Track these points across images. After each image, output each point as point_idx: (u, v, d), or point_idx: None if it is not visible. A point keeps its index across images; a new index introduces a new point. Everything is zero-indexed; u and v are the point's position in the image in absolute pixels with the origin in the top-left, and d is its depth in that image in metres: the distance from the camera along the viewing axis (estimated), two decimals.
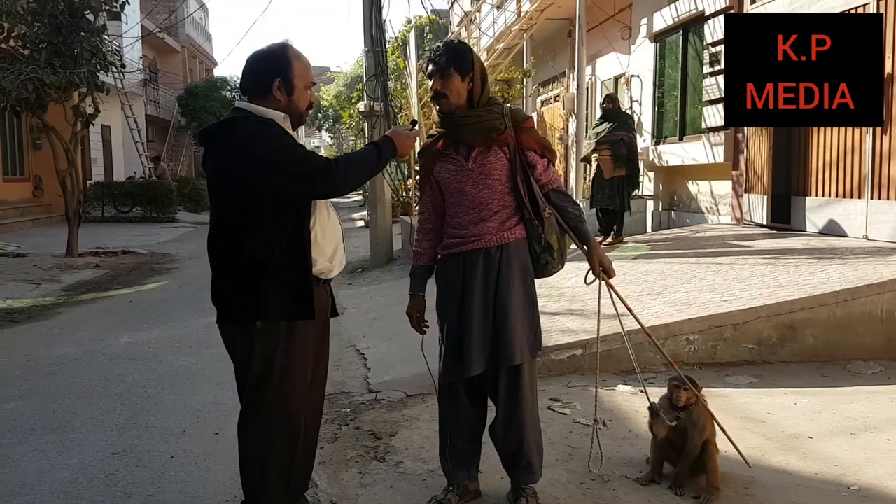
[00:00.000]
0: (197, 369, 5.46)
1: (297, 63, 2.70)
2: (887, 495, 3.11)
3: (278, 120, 2.67)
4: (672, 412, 3.19)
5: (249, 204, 2.59)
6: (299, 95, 2.71)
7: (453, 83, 2.91)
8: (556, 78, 16.21)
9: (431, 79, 2.96)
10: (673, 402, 3.21)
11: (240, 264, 2.63)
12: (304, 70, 2.72)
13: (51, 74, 11.06)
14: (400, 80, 14.50)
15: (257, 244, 2.60)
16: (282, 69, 2.68)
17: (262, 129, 2.60)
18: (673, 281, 6.25)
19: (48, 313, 7.93)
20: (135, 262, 12.35)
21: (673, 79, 11.13)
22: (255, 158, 2.54)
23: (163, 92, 31.34)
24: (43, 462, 3.76)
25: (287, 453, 2.70)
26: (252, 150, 2.55)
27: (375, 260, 10.66)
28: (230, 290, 2.67)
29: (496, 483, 3.24)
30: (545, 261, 3.01)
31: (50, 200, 18.18)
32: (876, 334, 5.12)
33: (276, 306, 2.60)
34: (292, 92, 2.69)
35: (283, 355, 2.64)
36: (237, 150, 2.58)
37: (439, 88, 2.93)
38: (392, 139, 2.79)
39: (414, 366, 5.05)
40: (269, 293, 2.60)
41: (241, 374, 2.72)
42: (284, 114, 2.69)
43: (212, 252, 2.71)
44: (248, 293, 2.61)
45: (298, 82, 2.70)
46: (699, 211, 10.70)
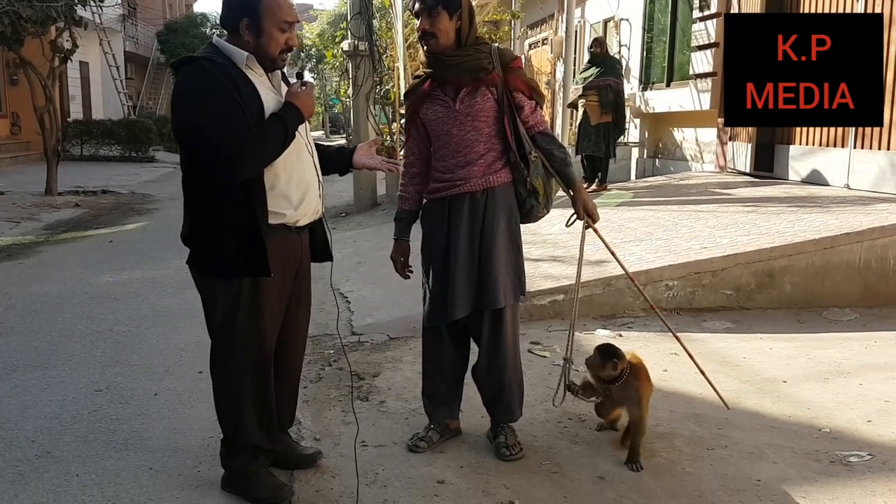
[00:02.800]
0: (179, 309, 5.46)
1: (270, 1, 2.50)
2: (857, 437, 3.20)
3: (238, 61, 2.52)
4: (600, 385, 3.04)
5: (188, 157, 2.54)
6: (269, 38, 2.52)
7: (441, 22, 2.85)
8: (544, 20, 15.95)
9: (418, 17, 2.90)
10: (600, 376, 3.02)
11: (195, 213, 2.59)
12: (276, 9, 2.50)
13: (27, 8, 10.77)
14: (385, 19, 14.21)
15: (207, 195, 2.54)
16: (250, 8, 2.49)
17: (203, 81, 2.45)
18: (655, 228, 6.29)
19: (28, 252, 7.87)
20: (115, 201, 12.24)
21: (662, 23, 10.99)
22: (184, 118, 2.48)
23: (142, 28, 30.56)
24: (26, 398, 3.77)
25: (257, 398, 2.70)
26: (185, 107, 2.48)
27: (359, 204, 10.62)
28: (189, 238, 2.64)
29: (476, 422, 3.31)
30: (530, 205, 3.01)
31: (28, 138, 17.86)
32: (853, 282, 5.19)
33: (230, 262, 2.55)
34: (261, 34, 2.51)
35: (248, 305, 2.60)
36: (177, 101, 2.51)
37: (427, 27, 2.87)
38: (292, 103, 2.57)
39: (397, 309, 5.10)
40: (222, 248, 2.55)
41: (209, 318, 2.71)
42: (249, 53, 2.54)
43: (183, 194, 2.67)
44: (204, 245, 2.59)
45: (268, 24, 2.50)
46: (683, 159, 10.70)
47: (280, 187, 2.60)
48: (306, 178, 2.70)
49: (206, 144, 2.44)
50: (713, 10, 9.13)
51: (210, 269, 2.62)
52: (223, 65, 2.49)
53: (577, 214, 3.08)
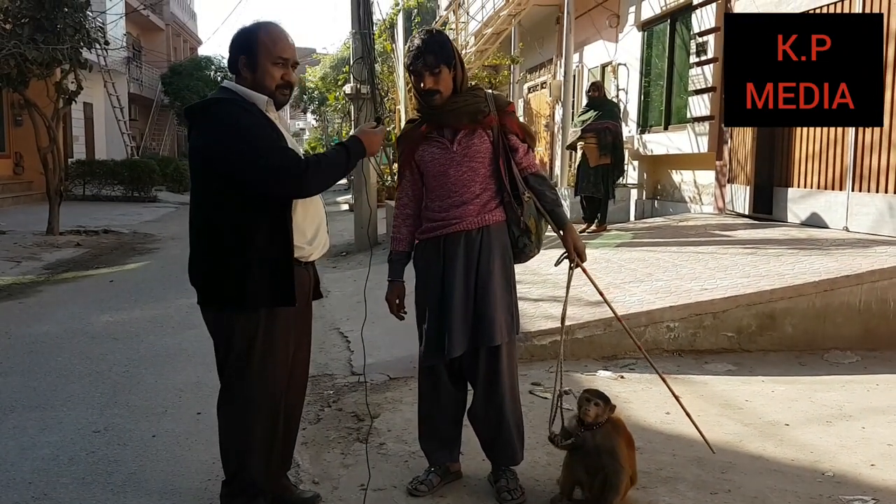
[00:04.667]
0: (179, 349, 5.45)
1: (265, 38, 2.61)
2: (861, 482, 3.17)
3: (261, 104, 2.63)
4: (577, 428, 2.87)
5: (229, 187, 2.56)
6: (264, 72, 2.61)
7: (444, 78, 2.93)
8: (543, 65, 16.19)
9: (419, 76, 2.95)
10: (581, 416, 2.88)
11: (220, 247, 2.61)
12: (270, 45, 2.61)
13: (33, 50, 10.92)
14: (387, 64, 14.43)
15: (238, 228, 2.58)
16: (246, 45, 2.63)
17: (242, 116, 2.56)
18: (655, 269, 6.30)
19: (29, 291, 7.86)
20: (116, 241, 12.26)
21: (659, 68, 11.15)
22: (233, 147, 2.51)
23: (146, 70, 31.00)
24: (24, 439, 3.74)
25: (267, 435, 2.70)
26: (232, 137, 2.52)
27: (360, 244, 10.65)
28: (210, 273, 2.65)
29: (478, 465, 3.28)
30: (523, 244, 3.05)
31: (31, 178, 17.96)
32: (853, 324, 5.19)
33: (256, 292, 2.59)
34: (255, 69, 2.62)
35: (264, 339, 2.63)
36: (219, 133, 2.55)
37: (433, 86, 2.93)
38: (360, 139, 2.71)
39: (397, 349, 5.08)
40: (249, 279, 2.58)
41: (222, 356, 2.71)
42: (268, 98, 2.64)
43: (192, 233, 2.69)
44: (229, 278, 2.60)
45: (263, 59, 2.61)
46: (682, 200, 10.76)
47: (297, 222, 2.66)
48: (319, 213, 2.79)
49: (268, 168, 2.52)
50: (710, 56, 9.27)
51: (233, 303, 2.62)
52: (252, 105, 2.60)
53: (567, 255, 3.10)
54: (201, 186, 2.65)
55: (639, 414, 3.98)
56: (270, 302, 2.61)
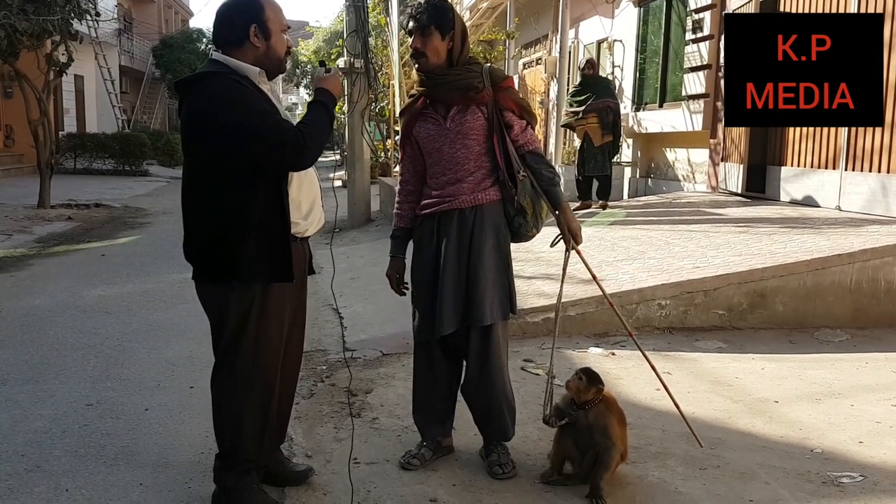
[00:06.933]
0: (171, 324, 5.44)
1: (270, 6, 2.63)
2: (849, 458, 3.21)
3: (253, 76, 2.60)
4: (570, 407, 2.90)
5: (224, 161, 2.54)
6: (276, 40, 2.64)
7: (433, 42, 2.89)
8: (538, 40, 16.07)
9: (411, 36, 2.93)
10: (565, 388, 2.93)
11: (215, 222, 2.59)
12: (277, 13, 2.65)
13: (23, 21, 10.78)
14: (381, 38, 14.31)
15: (234, 202, 2.56)
16: (256, 14, 2.61)
17: (235, 88, 2.53)
18: (647, 247, 6.32)
19: (20, 265, 7.83)
20: (107, 215, 12.21)
21: (655, 45, 11.09)
22: (228, 120, 2.49)
23: (137, 42, 30.68)
24: (16, 412, 3.75)
25: (261, 410, 2.71)
26: (227, 110, 2.50)
27: (353, 220, 10.63)
28: (205, 248, 2.64)
29: (469, 440, 3.30)
30: (518, 223, 3.01)
31: (21, 151, 17.83)
32: (844, 303, 5.22)
33: (253, 268, 2.58)
34: (269, 36, 2.62)
35: (259, 313, 2.63)
36: (213, 106, 2.53)
37: (419, 47, 2.91)
38: (325, 89, 2.69)
39: (390, 325, 5.10)
40: (245, 254, 2.57)
41: (217, 331, 2.71)
42: (260, 69, 2.62)
43: (185, 207, 2.67)
44: (224, 252, 2.58)
45: (274, 26, 2.62)
46: (676, 179, 10.76)
47: (292, 196, 2.65)
48: (314, 188, 2.78)
49: (269, 140, 2.50)
50: (706, 33, 9.22)
51: (229, 277, 2.60)
52: (244, 77, 2.58)
53: (562, 236, 3.08)
54: (194, 160, 2.63)
55: (629, 390, 4.01)
56: (268, 277, 2.61)
